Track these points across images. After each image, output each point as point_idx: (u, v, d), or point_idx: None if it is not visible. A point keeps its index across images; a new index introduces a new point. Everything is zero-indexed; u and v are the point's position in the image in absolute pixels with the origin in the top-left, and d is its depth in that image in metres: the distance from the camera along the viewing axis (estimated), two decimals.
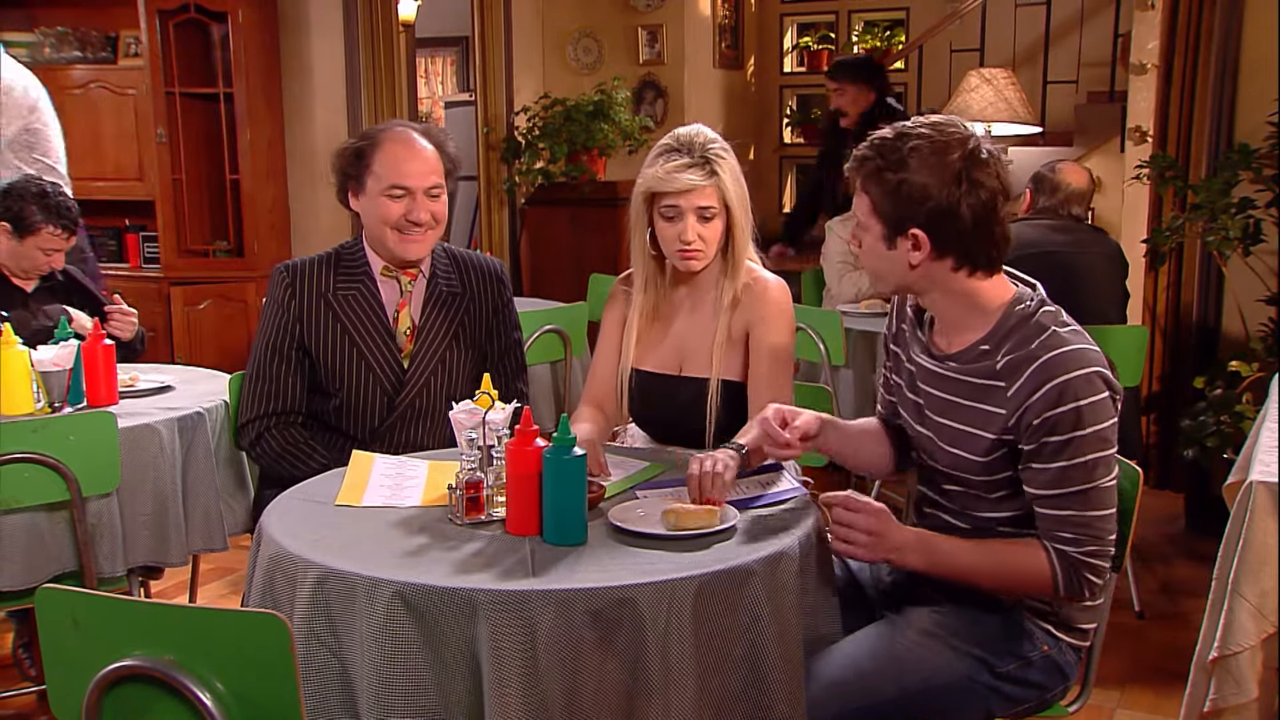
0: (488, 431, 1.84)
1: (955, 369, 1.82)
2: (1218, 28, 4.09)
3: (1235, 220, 3.64)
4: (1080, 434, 1.70)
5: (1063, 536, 1.74)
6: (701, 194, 2.17)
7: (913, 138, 1.73)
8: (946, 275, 1.78)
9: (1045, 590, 1.77)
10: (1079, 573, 1.74)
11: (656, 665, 1.53)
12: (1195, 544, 3.96)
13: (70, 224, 3.11)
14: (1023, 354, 1.74)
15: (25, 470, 2.30)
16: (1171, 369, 4.32)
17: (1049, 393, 1.70)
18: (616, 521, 1.77)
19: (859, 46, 7.82)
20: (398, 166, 2.32)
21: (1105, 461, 1.73)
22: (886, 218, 1.75)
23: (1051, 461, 1.72)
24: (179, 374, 3.01)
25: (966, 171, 1.70)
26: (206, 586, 3.59)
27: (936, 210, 1.71)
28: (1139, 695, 2.94)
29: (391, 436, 2.40)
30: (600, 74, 6.51)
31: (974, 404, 1.80)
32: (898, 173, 1.72)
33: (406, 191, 2.32)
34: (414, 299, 2.44)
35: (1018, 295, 1.81)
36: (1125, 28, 5.99)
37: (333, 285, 2.39)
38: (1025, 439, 1.74)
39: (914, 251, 1.75)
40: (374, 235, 2.39)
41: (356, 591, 1.56)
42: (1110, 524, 1.75)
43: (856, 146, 1.83)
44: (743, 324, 2.26)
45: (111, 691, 1.42)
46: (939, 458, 1.87)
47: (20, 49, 5.42)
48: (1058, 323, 1.77)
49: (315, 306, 2.38)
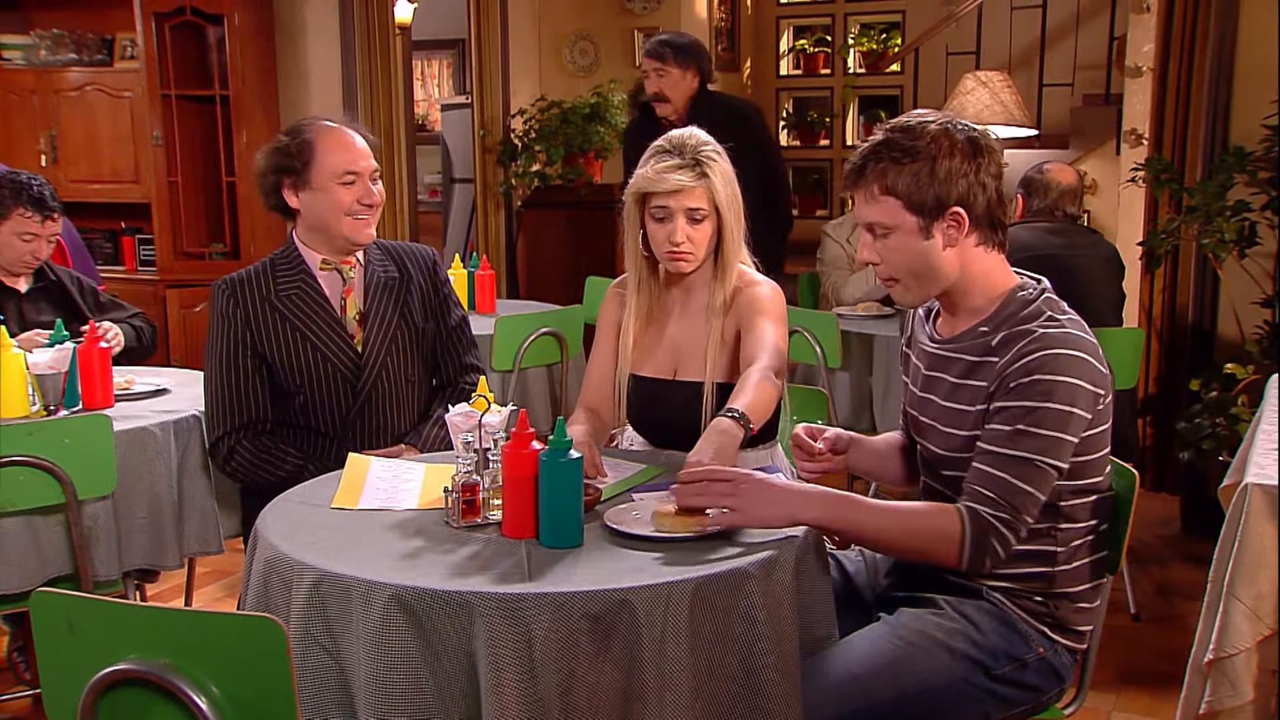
0: (484, 434, 1.84)
1: (954, 349, 1.86)
2: (1213, 31, 4.10)
3: (1230, 223, 3.65)
4: (1046, 406, 1.71)
5: (984, 494, 1.72)
6: (690, 195, 2.18)
7: (913, 129, 1.77)
8: (971, 254, 1.82)
9: (951, 555, 1.73)
10: (987, 536, 1.71)
11: (653, 668, 1.53)
12: (1191, 546, 3.96)
13: (41, 205, 3.07)
14: (1017, 330, 1.78)
15: (20, 473, 2.30)
16: (1167, 371, 4.33)
17: (1030, 361, 1.73)
18: (613, 524, 1.77)
19: (855, 49, 7.84)
20: (345, 154, 2.41)
21: (1057, 444, 1.72)
22: (923, 206, 1.77)
23: (1008, 424, 1.73)
24: (175, 377, 3.00)
25: (973, 143, 1.77)
26: (202, 589, 3.59)
27: (968, 185, 1.76)
28: (1135, 698, 2.94)
29: (362, 424, 2.45)
30: (596, 76, 6.52)
31: (968, 381, 1.82)
32: (921, 160, 1.75)
33: (357, 176, 2.41)
34: (356, 286, 2.51)
35: (1021, 284, 1.86)
36: (1120, 31, 6.00)
37: (274, 288, 2.44)
38: (998, 398, 1.75)
39: (953, 231, 1.79)
40: (320, 227, 2.44)
41: (353, 594, 1.56)
42: (1031, 505, 1.73)
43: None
44: (734, 327, 2.26)
45: (107, 695, 1.42)
46: (939, 441, 1.89)
47: (16, 51, 5.43)
48: (1058, 310, 1.81)
49: (261, 311, 2.41)
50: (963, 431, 1.82)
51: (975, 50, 7.15)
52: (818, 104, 8.04)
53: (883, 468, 2.07)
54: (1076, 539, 1.84)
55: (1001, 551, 1.74)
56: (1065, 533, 1.83)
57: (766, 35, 8.00)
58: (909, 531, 1.76)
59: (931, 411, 1.90)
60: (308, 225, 2.46)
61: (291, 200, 2.44)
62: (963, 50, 7.23)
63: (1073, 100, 6.84)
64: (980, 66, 6.78)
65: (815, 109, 8.00)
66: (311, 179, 2.40)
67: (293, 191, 2.43)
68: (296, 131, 2.45)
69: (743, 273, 2.29)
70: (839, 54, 7.87)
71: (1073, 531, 1.84)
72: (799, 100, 8.14)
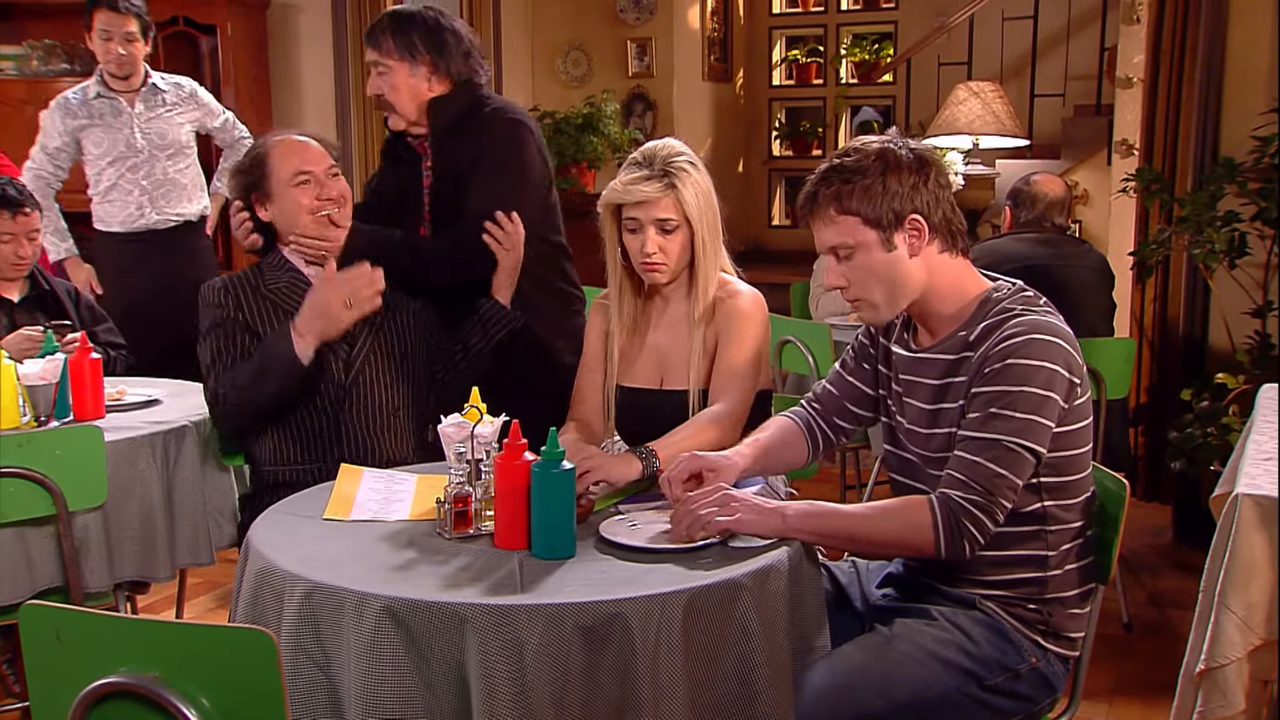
0: (476, 445, 1.84)
1: (932, 353, 1.88)
2: (1202, 42, 4.12)
3: (1221, 233, 3.67)
4: (1020, 389, 1.73)
5: (956, 479, 1.74)
6: (658, 206, 2.19)
7: (857, 151, 1.83)
8: (937, 261, 1.85)
9: (927, 544, 1.75)
10: (959, 521, 1.73)
11: (646, 679, 1.53)
12: (1183, 555, 3.97)
13: (7, 202, 3.04)
14: (993, 322, 1.81)
15: (10, 485, 2.29)
16: (1159, 381, 4.34)
17: (1006, 346, 1.75)
18: (605, 535, 1.77)
19: (848, 60, 7.87)
20: (296, 157, 2.48)
21: (1031, 427, 1.74)
22: (880, 219, 1.81)
23: (981, 409, 1.75)
24: (166, 388, 2.99)
25: (918, 157, 1.83)
26: (194, 601, 3.58)
27: (921, 195, 1.81)
28: (1127, 708, 2.94)
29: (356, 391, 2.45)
30: (589, 87, 6.53)
31: (948, 379, 1.84)
32: (870, 176, 1.80)
33: (310, 175, 2.46)
34: None
35: (995, 286, 1.89)
36: (1111, 42, 6.03)
37: (263, 283, 2.49)
38: (975, 385, 1.77)
39: (915, 240, 1.82)
40: (294, 230, 2.48)
41: (344, 606, 1.55)
42: (1006, 489, 1.74)
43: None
44: (714, 336, 2.27)
45: (96, 708, 1.41)
46: (919, 443, 1.90)
47: (8, 61, 5.42)
48: (1034, 303, 1.83)
49: (252, 301, 2.46)
50: (942, 429, 1.84)
51: (967, 61, 7.18)
52: (810, 114, 8.06)
53: (776, 465, 2.07)
54: (1066, 542, 1.85)
55: (979, 535, 1.74)
56: (1055, 535, 1.84)
57: (759, 45, 8.02)
58: (884, 526, 1.79)
59: (910, 415, 1.92)
60: (284, 233, 2.52)
61: (263, 215, 2.50)
62: (955, 61, 7.26)
63: (1064, 111, 6.87)
64: (972, 77, 6.81)
65: (808, 119, 8.03)
66: (271, 188, 2.47)
67: (262, 206, 2.50)
68: (251, 149, 2.56)
69: (725, 281, 2.30)
70: (831, 64, 7.90)
71: (1062, 534, 1.84)
72: (791, 110, 8.16)
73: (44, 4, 5.35)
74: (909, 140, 1.87)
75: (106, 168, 4.08)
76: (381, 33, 2.67)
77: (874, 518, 1.80)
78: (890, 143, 1.84)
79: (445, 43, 2.68)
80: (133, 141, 4.06)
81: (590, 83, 6.68)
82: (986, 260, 3.50)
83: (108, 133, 4.04)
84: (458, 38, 2.70)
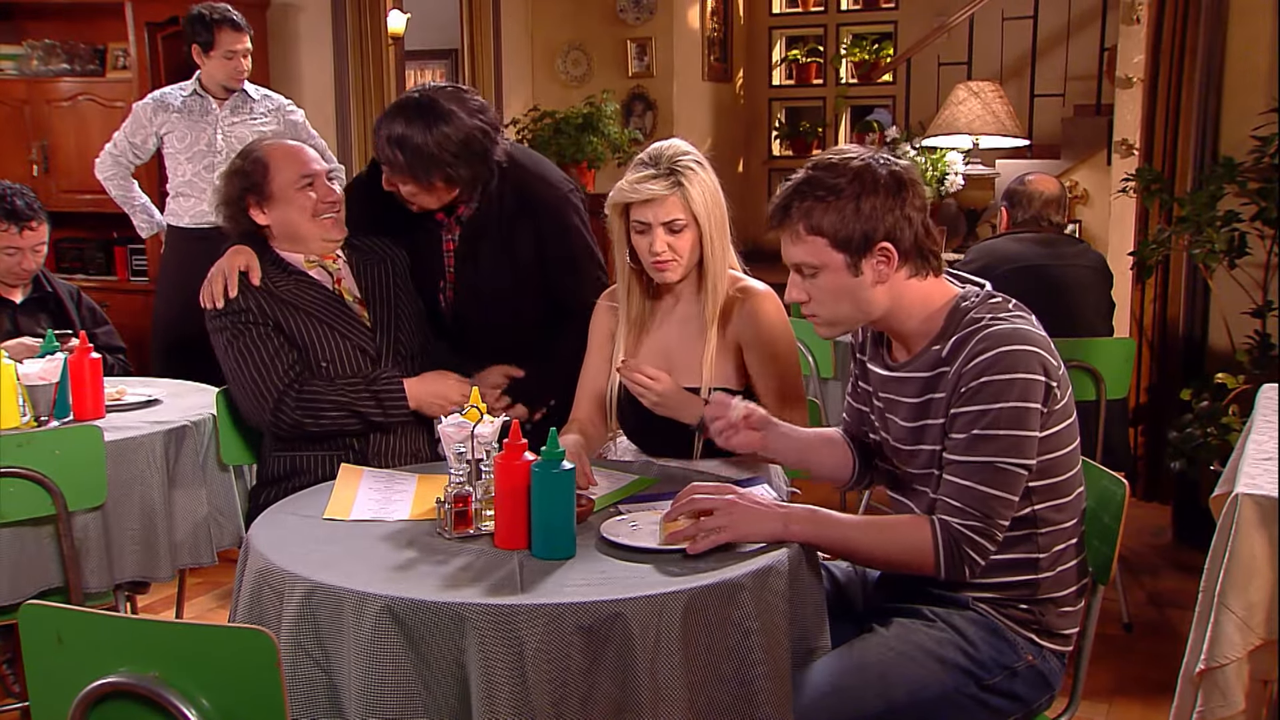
0: (476, 445, 1.84)
1: (907, 370, 1.87)
2: (1202, 42, 4.12)
3: (1220, 233, 3.66)
4: (999, 407, 1.72)
5: (952, 506, 1.75)
6: (665, 205, 2.19)
7: (836, 167, 1.78)
8: (903, 286, 1.82)
9: (927, 566, 1.76)
10: (960, 547, 1.74)
11: (646, 680, 1.53)
12: (1183, 555, 3.97)
13: (14, 217, 3.04)
14: (965, 334, 1.78)
15: (10, 485, 2.29)
16: (1159, 381, 4.34)
17: (980, 362, 1.74)
18: (606, 535, 1.77)
19: (847, 60, 7.87)
20: (297, 161, 2.52)
21: (1017, 443, 1.73)
22: (850, 243, 1.78)
23: (965, 431, 1.74)
24: (166, 388, 2.99)
25: (896, 178, 1.78)
26: (194, 600, 3.57)
27: (894, 220, 1.77)
28: (1127, 707, 2.94)
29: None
30: (589, 87, 6.53)
31: (925, 397, 1.83)
32: (845, 198, 1.76)
33: (314, 177, 2.51)
34: (345, 275, 2.59)
35: (962, 294, 1.86)
36: (1111, 42, 6.03)
37: (272, 286, 2.49)
38: (954, 405, 1.76)
39: (882, 267, 1.79)
40: (294, 234, 2.52)
41: (344, 606, 1.55)
42: (1003, 508, 1.74)
43: None
44: (735, 336, 2.27)
45: (96, 708, 1.41)
46: (904, 460, 1.90)
47: (8, 61, 5.42)
48: (1002, 309, 1.81)
49: (266, 303, 2.46)
50: (926, 446, 1.83)
51: (967, 61, 7.18)
52: (810, 114, 8.07)
53: (806, 460, 2.07)
54: (1058, 543, 1.85)
55: (979, 559, 1.75)
56: (1046, 537, 1.84)
57: (759, 45, 8.02)
58: (885, 545, 1.80)
59: (894, 432, 1.91)
60: (282, 236, 2.53)
61: (259, 218, 2.51)
62: (954, 61, 7.27)
63: (1064, 111, 6.87)
64: (972, 77, 6.81)
65: (808, 119, 8.03)
66: (273, 191, 2.49)
67: (259, 209, 2.51)
68: (247, 154, 2.58)
69: (737, 279, 2.30)
70: (831, 64, 7.90)
71: (1053, 536, 1.84)
72: (791, 110, 8.17)
73: (44, 4, 5.35)
74: (891, 158, 1.82)
75: (185, 163, 4.17)
76: (398, 170, 2.42)
77: (874, 533, 1.81)
78: (871, 159, 1.79)
79: (459, 160, 2.41)
80: (214, 142, 4.15)
81: (590, 83, 6.68)
82: (984, 261, 3.51)
83: (192, 129, 4.14)
84: (467, 142, 2.40)
